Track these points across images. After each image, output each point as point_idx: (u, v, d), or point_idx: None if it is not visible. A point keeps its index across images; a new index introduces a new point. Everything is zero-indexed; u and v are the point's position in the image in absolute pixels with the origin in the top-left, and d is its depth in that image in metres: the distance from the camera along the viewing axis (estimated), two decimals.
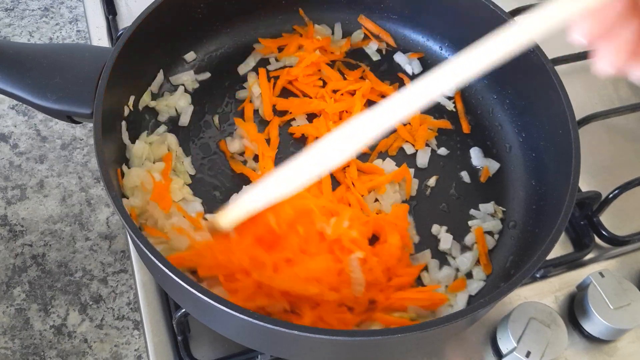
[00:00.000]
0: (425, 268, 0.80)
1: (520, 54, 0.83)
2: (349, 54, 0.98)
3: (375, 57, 0.98)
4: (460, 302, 0.77)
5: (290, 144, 0.89)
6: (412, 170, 0.87)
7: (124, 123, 0.81)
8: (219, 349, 0.77)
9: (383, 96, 0.93)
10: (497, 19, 0.85)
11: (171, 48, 0.90)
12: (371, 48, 0.98)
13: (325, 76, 0.94)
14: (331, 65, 0.95)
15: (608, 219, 0.89)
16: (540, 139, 0.84)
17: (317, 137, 0.87)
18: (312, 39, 0.96)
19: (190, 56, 0.92)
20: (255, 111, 0.91)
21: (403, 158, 0.89)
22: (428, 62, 0.97)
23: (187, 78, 0.91)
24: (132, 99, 0.84)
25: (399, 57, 0.97)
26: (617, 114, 0.96)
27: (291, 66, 0.95)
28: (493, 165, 0.88)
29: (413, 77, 0.96)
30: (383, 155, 0.89)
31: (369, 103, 0.92)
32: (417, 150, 0.89)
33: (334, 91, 0.92)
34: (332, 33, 0.99)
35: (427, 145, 0.90)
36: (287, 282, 0.70)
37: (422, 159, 0.89)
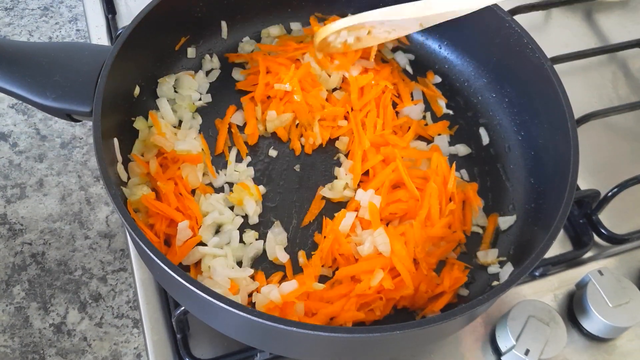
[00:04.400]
0: None
1: (519, 53, 0.84)
2: None
3: (390, 56, 0.98)
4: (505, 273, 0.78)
5: None
6: None
7: (116, 140, 0.80)
8: (218, 347, 0.77)
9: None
10: (495, 18, 0.85)
11: (170, 46, 0.90)
12: (386, 47, 0.98)
13: None
14: None
15: (607, 217, 0.89)
16: (539, 137, 0.84)
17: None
18: None
19: (190, 53, 0.93)
20: None
21: None
22: (427, 61, 0.97)
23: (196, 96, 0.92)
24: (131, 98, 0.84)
25: (400, 57, 0.97)
26: (616, 112, 0.96)
27: None
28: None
29: (411, 77, 0.96)
30: None
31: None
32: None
33: None
34: None
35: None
36: None
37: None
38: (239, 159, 0.87)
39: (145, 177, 0.81)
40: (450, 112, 0.93)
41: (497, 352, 0.78)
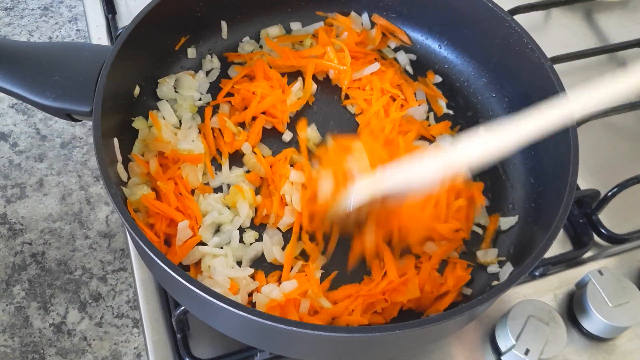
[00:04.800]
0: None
1: (520, 53, 0.84)
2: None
3: (391, 55, 0.98)
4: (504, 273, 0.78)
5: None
6: None
7: (116, 140, 0.79)
8: (218, 346, 0.77)
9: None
10: (495, 18, 0.85)
11: (170, 46, 0.90)
12: (388, 46, 0.98)
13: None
14: None
15: (607, 217, 0.89)
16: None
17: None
18: (352, 32, 0.96)
19: (191, 53, 0.93)
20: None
21: None
22: (427, 61, 0.97)
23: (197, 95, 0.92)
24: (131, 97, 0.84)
25: (401, 57, 0.97)
26: (615, 112, 0.96)
27: None
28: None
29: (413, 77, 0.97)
30: None
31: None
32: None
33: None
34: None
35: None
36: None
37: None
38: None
39: (146, 176, 0.81)
40: (451, 112, 0.93)
41: (497, 352, 0.78)
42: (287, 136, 0.89)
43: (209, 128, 0.87)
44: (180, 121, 0.88)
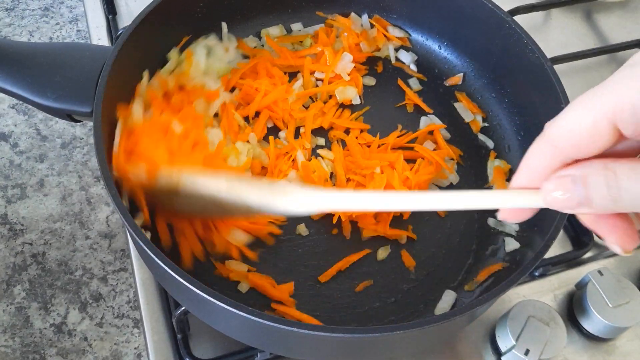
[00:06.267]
0: None
1: (520, 53, 0.84)
2: None
3: (393, 59, 0.98)
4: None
5: None
6: None
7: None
8: (218, 347, 0.77)
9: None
10: (495, 18, 0.85)
11: (171, 47, 0.90)
12: (390, 49, 0.98)
13: None
14: None
15: None
16: None
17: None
18: (352, 32, 0.96)
19: None
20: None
21: None
22: (427, 61, 0.97)
23: None
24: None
25: (403, 55, 0.97)
26: None
27: None
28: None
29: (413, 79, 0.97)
30: None
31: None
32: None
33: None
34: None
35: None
36: None
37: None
38: None
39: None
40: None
41: (497, 352, 0.78)
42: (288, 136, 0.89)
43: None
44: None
